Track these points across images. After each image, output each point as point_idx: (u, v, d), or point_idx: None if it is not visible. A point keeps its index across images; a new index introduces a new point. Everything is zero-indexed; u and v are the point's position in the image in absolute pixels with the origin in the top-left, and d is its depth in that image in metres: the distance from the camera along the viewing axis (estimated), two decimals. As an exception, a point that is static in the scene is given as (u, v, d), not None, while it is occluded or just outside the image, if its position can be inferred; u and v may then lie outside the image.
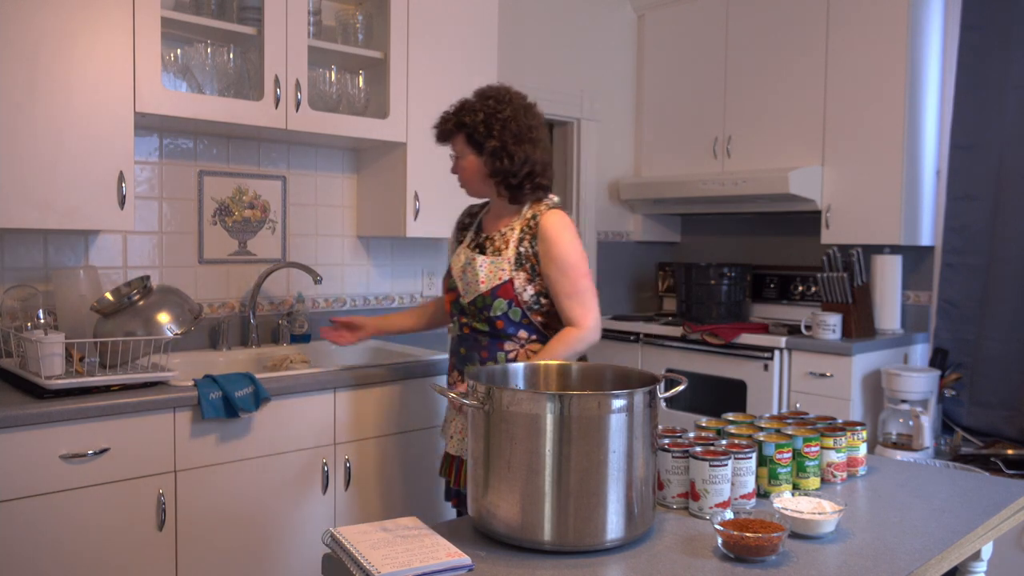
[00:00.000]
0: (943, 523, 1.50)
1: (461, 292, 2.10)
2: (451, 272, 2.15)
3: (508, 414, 1.35)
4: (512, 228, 2.09)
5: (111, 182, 2.34)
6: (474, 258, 2.08)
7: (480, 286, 2.04)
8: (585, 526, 1.33)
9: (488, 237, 2.13)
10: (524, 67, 3.96)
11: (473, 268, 2.07)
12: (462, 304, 2.10)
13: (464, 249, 2.15)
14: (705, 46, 4.20)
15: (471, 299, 2.07)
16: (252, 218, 3.02)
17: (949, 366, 3.55)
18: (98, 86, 2.29)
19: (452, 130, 2.10)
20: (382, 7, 2.98)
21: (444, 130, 2.12)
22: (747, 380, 3.64)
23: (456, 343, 2.16)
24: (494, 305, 2.04)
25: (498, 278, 2.04)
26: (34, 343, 2.07)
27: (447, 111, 2.12)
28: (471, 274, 2.07)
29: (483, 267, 2.05)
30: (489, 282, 2.04)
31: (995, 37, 3.41)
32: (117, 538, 2.08)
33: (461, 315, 2.12)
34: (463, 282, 2.09)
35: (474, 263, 2.07)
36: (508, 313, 2.04)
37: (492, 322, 2.06)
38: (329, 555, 1.34)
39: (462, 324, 2.12)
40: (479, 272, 2.05)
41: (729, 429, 1.73)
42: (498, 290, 2.03)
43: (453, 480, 2.18)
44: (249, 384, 2.26)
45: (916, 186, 3.56)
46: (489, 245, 2.11)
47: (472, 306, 2.07)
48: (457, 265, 2.13)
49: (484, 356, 2.08)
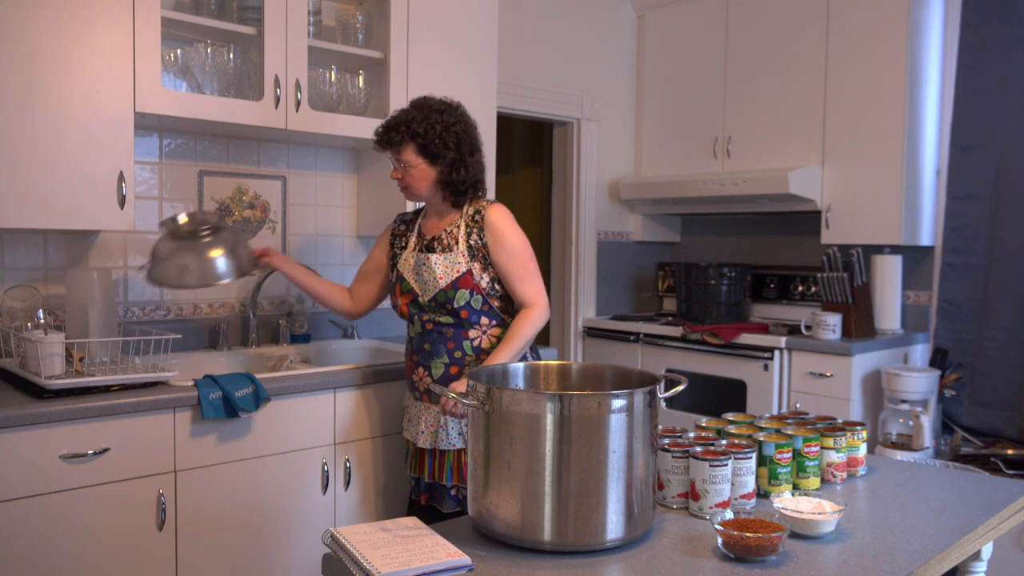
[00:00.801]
0: (943, 523, 1.50)
1: (419, 292, 2.22)
2: (402, 276, 2.27)
3: (508, 414, 1.35)
4: (456, 226, 2.24)
5: (111, 182, 2.34)
6: (427, 258, 2.21)
7: (439, 282, 2.18)
8: (585, 526, 1.33)
9: (435, 239, 2.26)
10: (524, 67, 3.95)
11: (429, 267, 2.20)
12: (422, 303, 2.22)
13: (412, 253, 2.28)
14: (705, 46, 4.20)
15: (432, 295, 2.20)
16: (252, 218, 3.02)
17: (949, 366, 3.55)
18: (98, 86, 2.29)
19: (402, 140, 2.19)
20: (382, 7, 2.98)
21: (392, 140, 2.21)
22: (747, 380, 3.64)
23: (418, 341, 2.27)
24: (457, 296, 2.17)
25: (456, 271, 2.18)
26: (34, 343, 2.07)
27: (390, 121, 2.22)
28: (427, 273, 2.20)
29: (438, 264, 2.19)
30: (447, 276, 2.18)
31: (995, 37, 3.41)
32: (117, 538, 2.08)
33: (421, 313, 2.24)
34: (419, 282, 2.22)
35: (428, 262, 2.21)
36: (471, 302, 2.19)
37: (456, 313, 2.19)
38: (329, 555, 1.34)
39: (424, 321, 2.24)
40: (435, 269, 2.19)
41: (729, 429, 1.73)
42: (458, 281, 2.17)
43: (428, 473, 2.27)
44: (249, 384, 2.26)
45: (916, 186, 3.56)
46: (437, 245, 2.24)
47: (433, 302, 2.20)
48: (407, 268, 2.26)
49: (451, 347, 2.22)
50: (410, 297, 2.25)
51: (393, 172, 2.25)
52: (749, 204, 4.01)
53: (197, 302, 2.89)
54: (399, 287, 2.28)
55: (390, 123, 2.21)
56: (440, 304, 2.19)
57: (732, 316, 4.02)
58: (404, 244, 2.34)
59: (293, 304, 3.09)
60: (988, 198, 3.47)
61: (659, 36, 4.45)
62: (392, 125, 2.20)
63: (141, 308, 2.76)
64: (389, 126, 2.21)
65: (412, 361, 2.30)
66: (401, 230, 2.39)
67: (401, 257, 2.31)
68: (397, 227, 2.40)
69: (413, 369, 2.30)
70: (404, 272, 2.27)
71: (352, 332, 3.20)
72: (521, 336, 2.17)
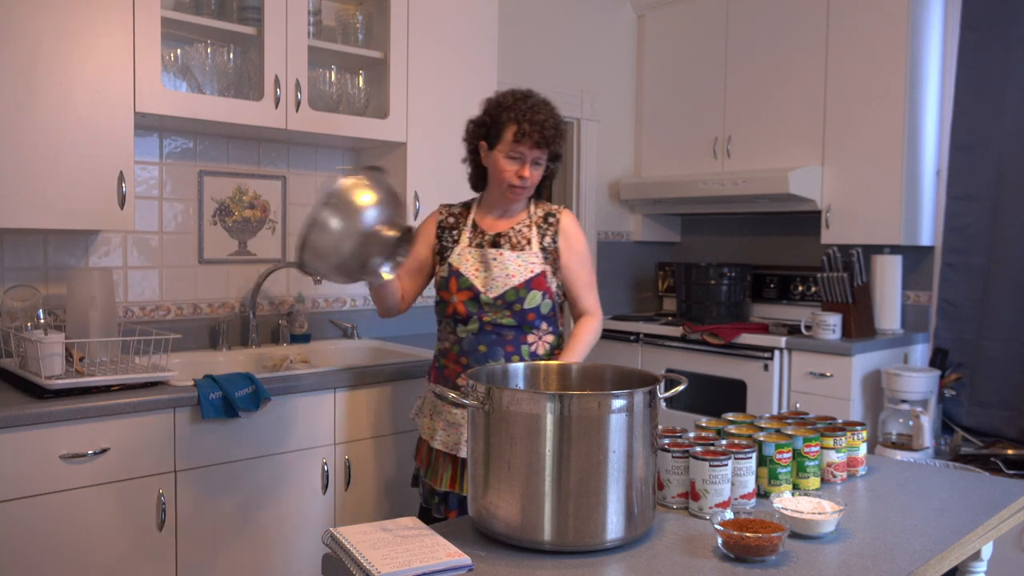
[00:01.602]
0: (943, 523, 1.50)
1: (482, 288, 2.09)
2: (458, 271, 2.12)
3: (508, 414, 1.35)
4: (527, 226, 2.16)
5: (111, 182, 2.34)
6: (500, 253, 2.11)
7: (511, 279, 2.08)
8: (585, 526, 1.33)
9: (500, 236, 2.15)
10: (524, 67, 3.95)
11: (501, 263, 2.10)
12: (484, 300, 2.08)
13: (470, 249, 2.15)
14: (705, 46, 4.20)
15: (500, 293, 2.08)
16: (252, 218, 3.02)
17: (949, 366, 3.55)
18: (98, 86, 2.29)
19: (560, 139, 2.12)
20: (382, 7, 2.98)
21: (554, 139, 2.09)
22: (747, 380, 3.64)
23: (471, 342, 2.11)
24: (528, 297, 2.08)
25: (530, 271, 2.10)
26: (34, 343, 2.07)
27: (547, 118, 2.07)
28: (498, 269, 2.09)
29: (511, 261, 2.10)
30: (521, 274, 2.09)
31: (995, 37, 3.41)
32: (117, 538, 2.08)
33: (482, 312, 2.09)
34: (485, 278, 2.09)
35: (501, 258, 2.11)
36: (540, 306, 2.11)
37: (523, 314, 2.09)
38: (329, 555, 1.34)
39: (484, 322, 2.10)
40: (509, 266, 2.09)
41: (729, 429, 1.73)
42: (532, 282, 2.09)
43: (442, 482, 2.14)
44: (249, 384, 2.26)
45: (916, 186, 3.56)
46: (504, 243, 2.14)
47: (500, 300, 2.08)
48: (466, 263, 2.12)
49: (509, 350, 2.11)
50: (470, 294, 2.10)
51: (522, 170, 2.08)
52: (749, 204, 4.01)
53: (197, 302, 2.89)
54: (455, 283, 2.12)
55: (552, 120, 2.08)
56: (507, 304, 2.08)
57: (732, 316, 4.02)
58: (456, 238, 2.19)
59: (293, 304, 3.09)
60: (988, 198, 3.47)
61: (659, 36, 4.45)
62: (554, 123, 2.08)
63: (141, 308, 2.76)
64: (555, 124, 2.08)
65: (459, 364, 2.13)
66: (450, 222, 2.22)
67: (454, 251, 2.16)
68: (445, 219, 2.23)
69: (460, 372, 2.12)
70: (461, 267, 2.12)
71: (352, 332, 3.20)
72: (589, 343, 2.14)
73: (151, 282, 2.78)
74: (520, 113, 2.06)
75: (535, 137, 2.05)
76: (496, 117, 2.10)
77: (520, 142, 2.05)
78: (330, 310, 3.23)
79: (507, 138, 2.07)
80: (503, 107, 2.09)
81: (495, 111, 2.11)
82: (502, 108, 2.09)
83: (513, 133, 2.06)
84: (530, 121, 2.04)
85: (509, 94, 2.12)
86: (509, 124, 2.07)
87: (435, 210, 2.28)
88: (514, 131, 2.06)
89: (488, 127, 2.12)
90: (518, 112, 2.06)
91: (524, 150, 2.07)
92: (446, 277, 2.14)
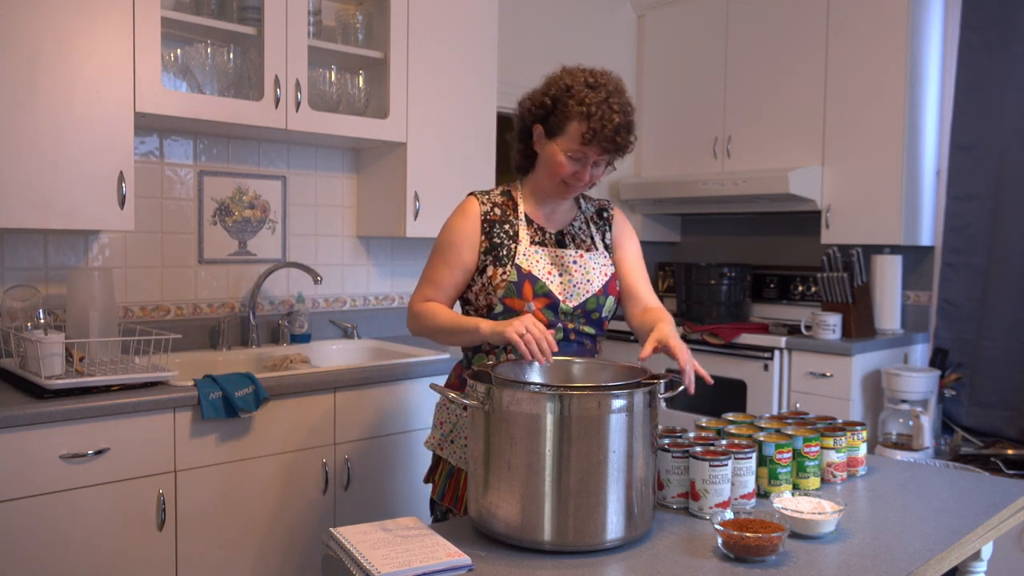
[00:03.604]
0: (943, 523, 1.50)
1: (560, 296, 1.78)
2: (532, 275, 1.77)
3: (508, 414, 1.35)
4: (584, 223, 1.91)
5: (111, 182, 2.34)
6: (581, 255, 1.83)
7: (592, 285, 1.81)
8: (585, 526, 1.33)
9: (564, 232, 1.87)
10: (524, 67, 3.95)
11: (583, 267, 1.82)
12: (564, 309, 1.78)
13: (537, 248, 1.82)
14: (705, 46, 4.20)
15: (580, 301, 1.80)
16: (252, 218, 3.02)
17: (949, 366, 3.55)
18: (98, 86, 2.29)
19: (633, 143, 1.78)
20: (382, 7, 2.98)
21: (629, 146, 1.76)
22: (747, 380, 3.64)
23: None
24: (607, 304, 1.83)
25: (605, 275, 1.84)
26: (34, 343, 2.07)
27: (621, 121, 1.71)
28: (579, 274, 1.81)
29: (591, 265, 1.83)
30: (600, 279, 1.82)
31: (995, 37, 3.41)
32: (117, 538, 2.08)
33: (566, 320, 1.81)
34: (565, 284, 1.79)
35: (582, 261, 1.83)
36: (614, 313, 1.88)
37: (600, 323, 1.85)
38: (329, 555, 1.34)
39: (569, 330, 1.81)
40: (590, 271, 1.82)
41: (729, 429, 1.73)
42: (608, 287, 1.84)
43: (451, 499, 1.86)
44: (249, 384, 2.26)
45: (916, 186, 3.56)
46: (570, 241, 1.87)
47: (580, 309, 1.80)
48: (537, 265, 1.79)
49: None
50: (547, 301, 1.77)
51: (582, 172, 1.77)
52: (749, 204, 4.01)
53: (197, 302, 2.89)
54: (529, 288, 1.76)
55: (626, 121, 1.72)
56: (586, 312, 1.81)
57: (732, 316, 4.02)
58: (512, 234, 1.82)
59: (293, 304, 3.09)
60: (988, 198, 3.47)
61: (659, 36, 4.45)
62: (628, 125, 1.73)
63: (141, 308, 2.76)
64: (629, 126, 1.73)
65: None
66: (496, 215, 1.84)
67: (519, 251, 1.79)
68: (490, 211, 1.84)
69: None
70: (533, 270, 1.77)
71: (352, 332, 3.20)
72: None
73: (151, 282, 2.78)
74: (591, 108, 1.69)
75: (606, 144, 1.71)
76: (561, 103, 1.74)
77: (588, 145, 1.71)
78: (330, 310, 3.23)
79: (571, 134, 1.73)
80: (572, 94, 1.72)
81: (561, 95, 1.74)
82: (570, 95, 1.72)
83: (581, 133, 1.71)
84: (602, 121, 1.68)
85: (580, 75, 1.75)
86: (576, 119, 1.71)
87: (469, 200, 1.87)
88: (582, 132, 1.71)
89: (549, 112, 1.77)
90: (589, 107, 1.69)
91: (589, 152, 1.73)
92: (516, 282, 1.76)
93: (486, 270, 1.80)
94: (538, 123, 1.80)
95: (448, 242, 1.83)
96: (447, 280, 1.82)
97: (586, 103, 1.70)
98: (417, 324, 1.84)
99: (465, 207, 1.85)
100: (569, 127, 1.73)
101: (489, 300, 1.79)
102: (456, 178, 3.18)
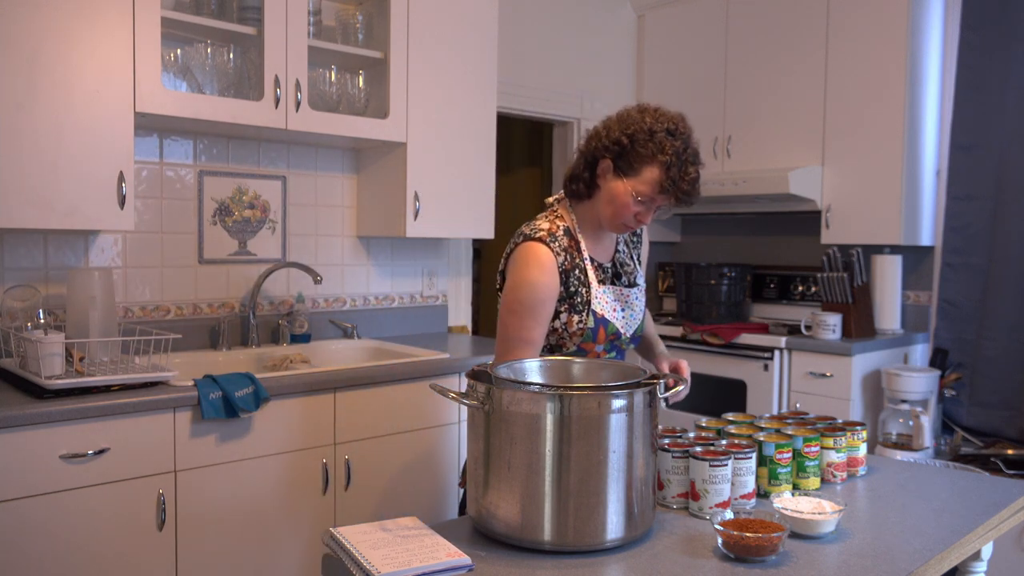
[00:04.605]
0: (943, 523, 1.50)
1: (622, 330, 1.84)
2: (605, 319, 1.80)
3: (508, 414, 1.35)
4: (623, 245, 1.96)
5: (111, 182, 2.34)
6: (631, 292, 1.90)
7: (640, 314, 1.91)
8: (585, 526, 1.33)
9: (615, 266, 1.91)
10: (524, 67, 3.95)
11: (637, 299, 1.90)
12: (623, 340, 1.87)
13: (602, 288, 1.83)
14: (705, 46, 4.20)
15: (633, 332, 1.89)
16: (252, 218, 3.02)
17: (949, 366, 3.55)
18: (98, 86, 2.29)
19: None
20: (382, 7, 2.98)
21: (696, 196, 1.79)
22: (747, 380, 3.64)
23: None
24: (643, 324, 1.94)
25: (643, 299, 1.94)
26: (34, 343, 2.07)
27: (698, 173, 1.77)
28: (637, 307, 1.89)
29: (638, 297, 1.91)
30: (642, 307, 1.92)
31: (995, 37, 3.41)
32: (117, 538, 2.08)
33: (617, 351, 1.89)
34: (626, 319, 1.86)
35: (636, 294, 1.91)
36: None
37: (637, 339, 1.94)
38: (329, 555, 1.34)
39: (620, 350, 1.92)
40: (637, 304, 1.90)
41: (729, 429, 1.73)
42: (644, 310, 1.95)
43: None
44: (249, 384, 2.26)
45: (916, 186, 3.56)
46: (621, 269, 1.92)
47: (629, 337, 1.88)
48: (607, 305, 1.82)
49: None
50: (614, 338, 1.84)
51: (645, 216, 1.79)
52: (749, 204, 4.01)
53: (197, 302, 2.89)
54: (603, 332, 1.80)
55: (699, 177, 1.77)
56: (634, 338, 1.91)
57: (732, 316, 4.02)
58: (583, 280, 1.80)
59: (293, 304, 3.09)
60: (988, 198, 3.47)
61: (659, 36, 4.45)
62: (699, 181, 1.78)
63: (141, 308, 2.76)
64: (699, 181, 1.78)
65: None
66: (568, 263, 1.80)
67: (592, 295, 1.80)
68: (564, 260, 1.79)
69: None
70: (606, 314, 1.81)
71: (352, 332, 3.20)
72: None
73: (151, 282, 2.78)
74: (671, 159, 1.71)
75: (680, 196, 1.74)
76: (640, 147, 1.74)
77: (662, 193, 1.74)
78: (330, 310, 3.23)
79: (646, 178, 1.73)
80: (654, 140, 1.73)
81: (641, 138, 1.74)
82: (652, 140, 1.73)
83: (658, 181, 1.73)
84: (681, 173, 1.72)
85: (665, 121, 1.76)
86: (655, 167, 1.73)
87: (542, 251, 1.77)
88: (659, 180, 1.72)
89: (623, 152, 1.76)
90: (669, 157, 1.72)
91: (659, 198, 1.75)
92: (593, 328, 1.79)
93: (559, 316, 1.79)
94: (609, 158, 1.78)
95: (538, 300, 1.75)
96: (539, 337, 1.76)
97: (666, 152, 1.72)
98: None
99: (542, 260, 1.76)
100: (644, 171, 1.74)
101: (561, 343, 1.81)
102: (456, 178, 3.19)
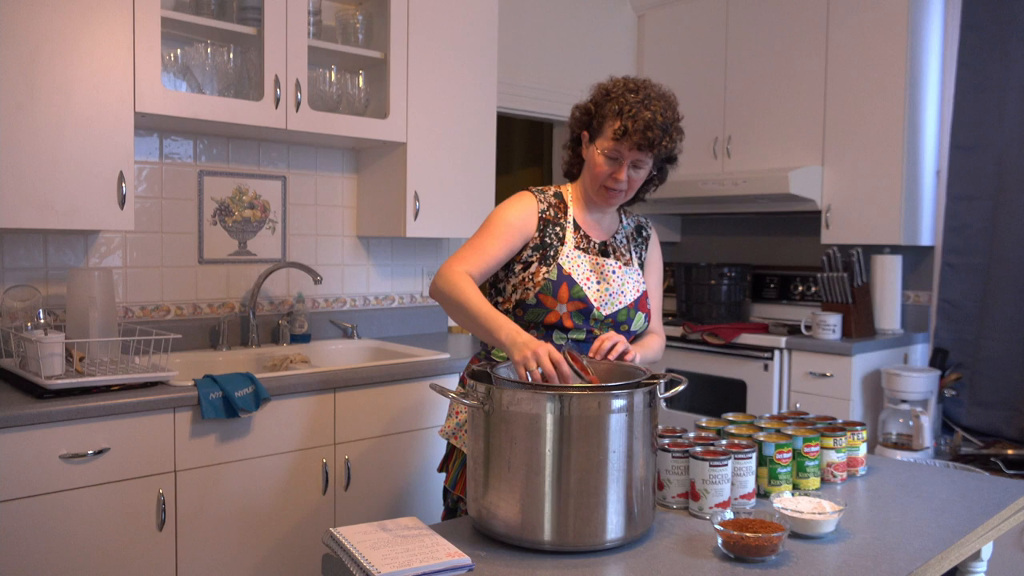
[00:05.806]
0: (943, 523, 1.50)
1: (596, 302, 1.81)
2: (571, 278, 1.80)
3: (508, 414, 1.35)
4: (624, 237, 1.96)
5: (111, 182, 2.34)
6: (619, 267, 1.88)
7: (624, 297, 1.85)
8: (585, 526, 1.33)
9: (607, 243, 1.92)
10: (524, 67, 3.95)
11: (618, 278, 1.86)
12: (596, 316, 1.82)
13: (580, 253, 1.85)
14: (705, 46, 4.20)
15: (612, 312, 1.83)
16: (252, 218, 3.02)
17: (949, 366, 3.55)
18: (98, 86, 2.29)
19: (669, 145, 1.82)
20: (382, 7, 2.98)
21: (661, 142, 1.78)
22: (747, 380, 3.64)
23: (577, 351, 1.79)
24: (637, 319, 1.88)
25: (637, 290, 1.88)
26: (34, 343, 2.07)
27: (659, 120, 1.76)
28: (615, 284, 1.85)
29: (627, 277, 1.88)
30: (633, 293, 1.87)
31: (995, 37, 3.41)
32: (117, 538, 2.08)
33: (591, 328, 1.83)
34: (601, 292, 1.83)
35: (619, 272, 1.87)
36: (641, 328, 1.91)
37: (627, 336, 1.88)
38: (329, 555, 1.34)
39: (593, 336, 1.83)
40: (624, 283, 1.86)
41: (729, 429, 1.73)
42: (639, 303, 1.88)
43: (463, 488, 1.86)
44: (249, 384, 2.26)
45: (916, 186, 3.56)
46: (612, 252, 1.91)
47: (611, 319, 1.84)
48: (578, 270, 1.82)
49: None
50: (581, 306, 1.80)
51: (618, 172, 1.80)
52: (749, 204, 4.01)
53: (197, 302, 2.89)
54: (566, 290, 1.79)
55: (661, 119, 1.76)
56: (616, 324, 1.84)
57: (732, 316, 4.02)
58: (560, 236, 1.86)
59: (293, 304, 3.09)
60: (988, 198, 3.47)
61: (659, 36, 4.45)
62: (663, 123, 1.76)
63: (141, 308, 2.76)
64: (664, 124, 1.77)
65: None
66: (550, 215, 1.87)
67: (562, 252, 1.83)
68: (546, 210, 1.87)
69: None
70: (573, 273, 1.80)
71: (352, 332, 3.20)
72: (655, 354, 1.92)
73: (151, 282, 2.78)
74: (625, 106, 1.77)
75: (636, 137, 1.75)
76: (600, 106, 1.83)
77: (620, 141, 1.77)
78: (330, 310, 3.23)
79: (607, 133, 1.80)
80: (610, 96, 1.81)
81: (601, 99, 1.84)
82: (608, 97, 1.82)
83: (613, 130, 1.78)
84: (634, 118, 1.75)
85: (620, 82, 1.84)
86: (611, 118, 1.79)
87: (527, 195, 1.90)
88: (615, 128, 1.77)
89: (592, 116, 1.85)
90: (623, 105, 1.77)
91: (623, 150, 1.78)
92: (555, 281, 1.79)
93: (530, 266, 1.83)
94: (584, 129, 1.88)
95: (505, 221, 1.83)
96: (492, 253, 1.80)
97: (621, 100, 1.78)
98: (445, 288, 1.74)
99: (524, 199, 1.88)
100: (605, 126, 1.81)
101: (524, 295, 1.81)
102: (456, 178, 3.19)
